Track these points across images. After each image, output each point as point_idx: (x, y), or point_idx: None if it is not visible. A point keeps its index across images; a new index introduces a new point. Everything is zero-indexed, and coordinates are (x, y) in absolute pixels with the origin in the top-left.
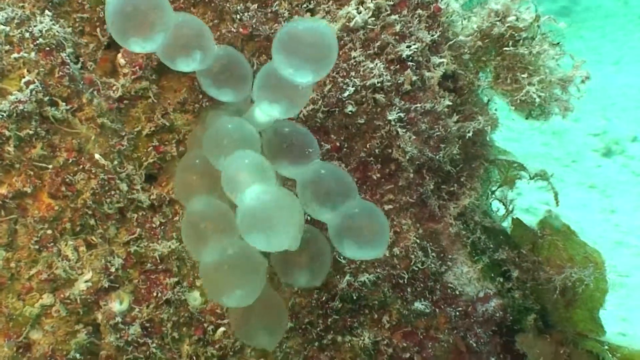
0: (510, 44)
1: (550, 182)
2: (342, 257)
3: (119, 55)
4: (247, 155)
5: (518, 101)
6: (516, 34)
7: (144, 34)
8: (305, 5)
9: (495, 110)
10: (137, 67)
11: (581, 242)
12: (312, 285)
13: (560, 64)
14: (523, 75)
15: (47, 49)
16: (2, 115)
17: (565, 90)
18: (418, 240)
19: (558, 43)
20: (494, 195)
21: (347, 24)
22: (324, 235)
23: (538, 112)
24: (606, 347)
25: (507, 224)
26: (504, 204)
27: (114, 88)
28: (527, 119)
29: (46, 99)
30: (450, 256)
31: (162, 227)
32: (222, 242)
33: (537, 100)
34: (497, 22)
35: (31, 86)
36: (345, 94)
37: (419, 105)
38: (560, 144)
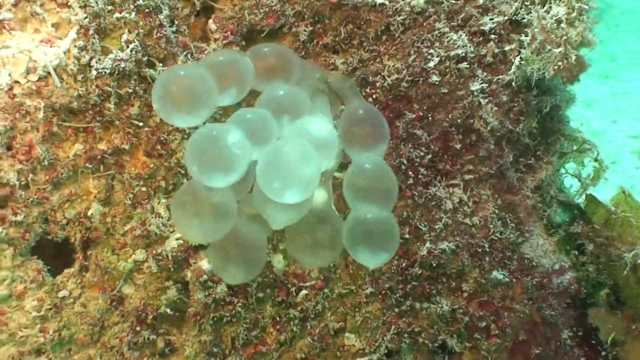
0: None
1: (598, 176)
2: (421, 225)
3: (210, 20)
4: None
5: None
6: None
7: (188, 110)
8: None
9: (564, 84)
10: (228, 32)
11: None
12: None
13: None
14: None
15: (147, 10)
16: (105, 72)
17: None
18: (497, 211)
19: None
20: (567, 172)
21: None
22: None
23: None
24: None
25: (581, 200)
26: (579, 180)
27: (206, 52)
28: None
29: (144, 59)
30: (527, 228)
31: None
32: None
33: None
34: None
35: (131, 45)
36: (430, 64)
37: (500, 77)
38: (599, 145)
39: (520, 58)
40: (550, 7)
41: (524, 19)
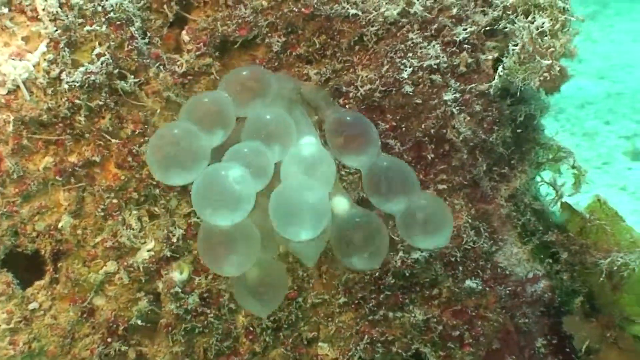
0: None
1: (579, 182)
2: (395, 235)
3: (183, 32)
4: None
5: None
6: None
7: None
8: None
9: (546, 94)
10: (201, 44)
11: (628, 228)
12: (370, 268)
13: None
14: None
15: (118, 23)
16: (75, 85)
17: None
18: (470, 220)
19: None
20: (542, 180)
21: (407, 8)
22: (379, 217)
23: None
24: None
25: (556, 208)
26: (554, 188)
27: (179, 64)
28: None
29: (115, 71)
30: (500, 237)
31: None
32: None
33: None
34: None
35: (102, 58)
36: (404, 74)
37: (473, 86)
38: (591, 145)
39: (503, 67)
40: (534, 17)
41: (506, 28)
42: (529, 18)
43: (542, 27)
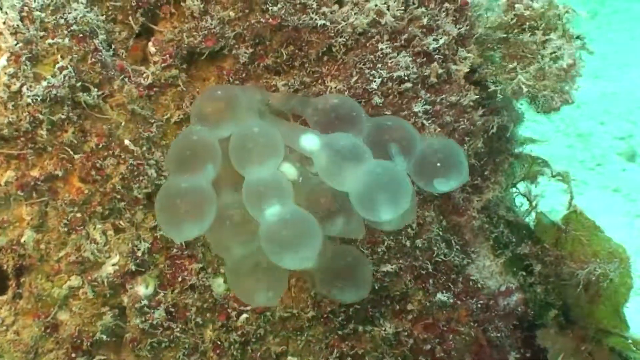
0: (516, 31)
1: (570, 186)
2: (363, 248)
3: (150, 43)
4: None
5: (510, 91)
6: (524, 22)
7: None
8: None
9: (521, 104)
10: (167, 56)
11: (606, 238)
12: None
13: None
14: (515, 64)
15: (81, 35)
16: (36, 99)
17: (565, 82)
18: (441, 233)
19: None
20: (517, 190)
21: (377, 18)
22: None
23: (542, 102)
24: (630, 342)
25: (530, 219)
26: (528, 199)
27: (145, 75)
28: (538, 113)
29: (78, 84)
30: (472, 249)
31: None
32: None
33: (525, 89)
34: (509, 12)
35: (64, 72)
36: (373, 85)
37: (444, 97)
38: (585, 146)
39: (523, 83)
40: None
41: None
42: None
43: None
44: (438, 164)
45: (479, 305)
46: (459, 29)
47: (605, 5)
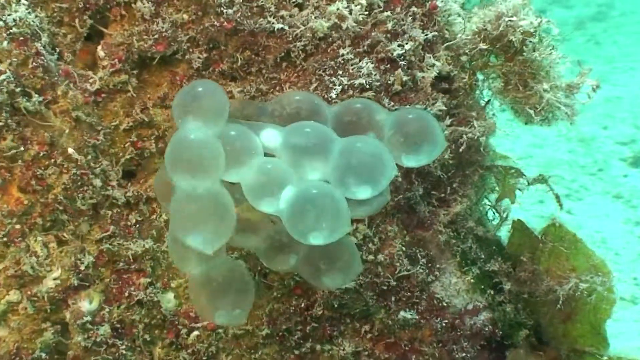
0: (520, 48)
1: (550, 185)
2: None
3: (99, 47)
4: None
5: (535, 108)
6: (526, 38)
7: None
8: (293, 0)
9: (493, 114)
10: (116, 60)
11: (588, 252)
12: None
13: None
14: (534, 82)
15: (21, 38)
16: None
17: (571, 96)
18: (404, 248)
19: (554, 47)
20: (488, 202)
21: (339, 22)
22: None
23: (543, 117)
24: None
25: (503, 233)
26: (497, 212)
27: (91, 81)
28: (526, 124)
29: (18, 89)
30: (438, 265)
31: (138, 226)
32: None
33: (557, 106)
34: (505, 26)
35: (2, 76)
36: (332, 94)
37: (409, 105)
38: (587, 151)
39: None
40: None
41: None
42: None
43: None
44: (406, 138)
45: (444, 325)
46: (427, 34)
47: (613, 8)
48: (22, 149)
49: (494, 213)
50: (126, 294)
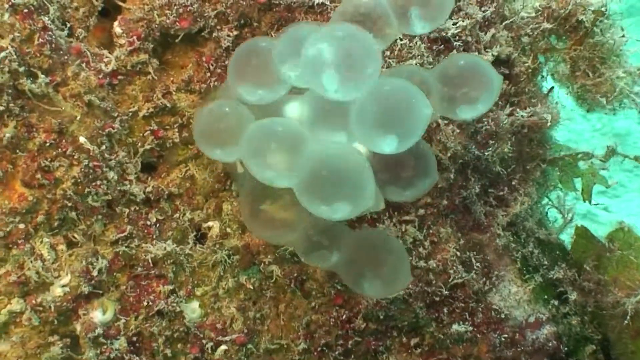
0: (590, 29)
1: (621, 153)
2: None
3: (115, 23)
4: None
5: (607, 97)
6: (598, 18)
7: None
8: None
9: (557, 102)
10: (135, 37)
11: None
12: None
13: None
14: (604, 67)
15: (26, 10)
16: None
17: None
18: (458, 253)
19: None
20: (550, 202)
21: None
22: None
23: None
24: None
25: (566, 236)
26: (560, 212)
27: (107, 60)
28: (588, 111)
29: (22, 69)
30: (496, 273)
31: (158, 226)
32: None
33: (627, 94)
34: (574, 4)
35: (3, 53)
36: None
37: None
38: (622, 147)
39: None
40: None
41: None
42: None
43: None
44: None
45: (503, 339)
46: (484, 11)
47: None
48: (26, 137)
49: (556, 215)
50: (144, 303)
